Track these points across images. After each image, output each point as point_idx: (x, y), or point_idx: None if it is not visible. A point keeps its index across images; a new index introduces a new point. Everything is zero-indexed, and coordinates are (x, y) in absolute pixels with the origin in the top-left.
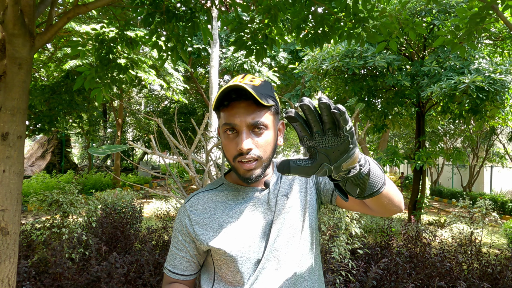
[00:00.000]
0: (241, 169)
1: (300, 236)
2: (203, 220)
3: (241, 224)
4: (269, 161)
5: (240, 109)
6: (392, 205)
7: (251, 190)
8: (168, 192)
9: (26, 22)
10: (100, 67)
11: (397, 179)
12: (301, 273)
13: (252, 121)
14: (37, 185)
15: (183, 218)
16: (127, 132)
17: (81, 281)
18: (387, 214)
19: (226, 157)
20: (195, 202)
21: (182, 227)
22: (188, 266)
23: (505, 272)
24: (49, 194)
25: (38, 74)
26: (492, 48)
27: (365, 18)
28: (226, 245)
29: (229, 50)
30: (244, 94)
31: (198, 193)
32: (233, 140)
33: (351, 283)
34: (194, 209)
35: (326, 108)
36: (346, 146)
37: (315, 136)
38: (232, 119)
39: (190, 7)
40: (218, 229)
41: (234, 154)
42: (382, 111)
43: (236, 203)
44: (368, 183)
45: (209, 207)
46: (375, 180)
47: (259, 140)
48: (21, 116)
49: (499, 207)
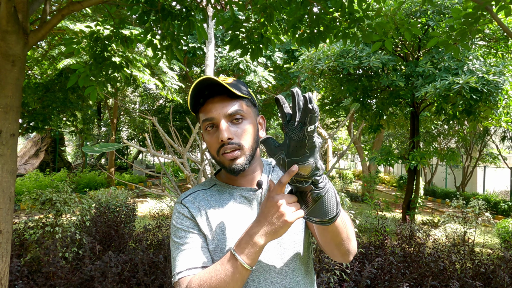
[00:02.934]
0: (225, 161)
1: (291, 238)
2: (200, 217)
3: (236, 225)
4: (253, 151)
5: (215, 103)
6: (341, 247)
7: (244, 190)
8: (163, 191)
9: (19, 19)
10: (94, 65)
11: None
12: (294, 275)
13: (228, 111)
14: (30, 184)
15: (184, 211)
16: (122, 131)
17: (75, 280)
18: (335, 255)
19: (211, 155)
20: (191, 201)
21: (186, 218)
22: (208, 257)
23: (498, 271)
24: (42, 193)
25: (32, 72)
26: (486, 50)
27: (361, 17)
28: (223, 245)
29: (224, 49)
30: (217, 90)
31: (192, 193)
32: (213, 134)
33: (345, 282)
34: (191, 206)
35: (304, 101)
36: (303, 147)
37: (290, 124)
38: (209, 114)
39: (186, 5)
40: (214, 229)
41: (217, 147)
42: (377, 111)
43: (230, 204)
44: (318, 206)
45: (205, 206)
46: (325, 209)
47: (238, 129)
48: (14, 114)
49: (492, 207)
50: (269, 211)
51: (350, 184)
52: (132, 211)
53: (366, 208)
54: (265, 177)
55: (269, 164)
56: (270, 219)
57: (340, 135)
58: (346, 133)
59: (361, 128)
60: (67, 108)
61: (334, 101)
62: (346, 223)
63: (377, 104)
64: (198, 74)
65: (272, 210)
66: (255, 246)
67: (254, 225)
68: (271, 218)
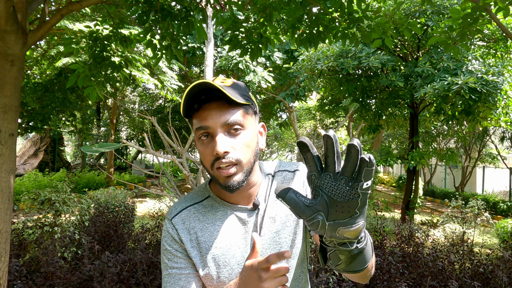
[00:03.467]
0: (220, 177)
1: (288, 263)
2: (190, 242)
3: (228, 251)
4: (251, 166)
5: (212, 110)
6: (363, 279)
7: (239, 210)
8: (162, 191)
9: (18, 18)
10: (93, 65)
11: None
12: None
13: (226, 121)
14: (29, 184)
15: (173, 233)
16: (121, 131)
17: (74, 280)
18: (354, 280)
19: (204, 167)
20: (181, 221)
21: (175, 242)
22: (194, 284)
23: (496, 271)
24: (41, 193)
25: (31, 72)
26: (485, 50)
27: (360, 18)
28: (215, 271)
29: (224, 49)
30: (215, 95)
31: (183, 209)
32: (208, 145)
33: (344, 282)
34: (181, 228)
35: (355, 152)
36: (353, 207)
37: (325, 177)
38: (204, 122)
39: (185, 5)
40: (205, 253)
41: (211, 160)
42: (376, 111)
43: (224, 226)
44: (356, 261)
45: (195, 228)
46: (364, 259)
47: (236, 141)
48: (13, 113)
49: (491, 207)
50: (253, 283)
51: None
52: (131, 211)
53: None
54: (263, 191)
55: (268, 174)
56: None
57: (340, 135)
58: (345, 133)
59: (360, 128)
60: (66, 108)
61: (334, 101)
62: (372, 261)
63: (376, 104)
64: (197, 74)
65: (255, 283)
66: None
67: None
68: (250, 282)
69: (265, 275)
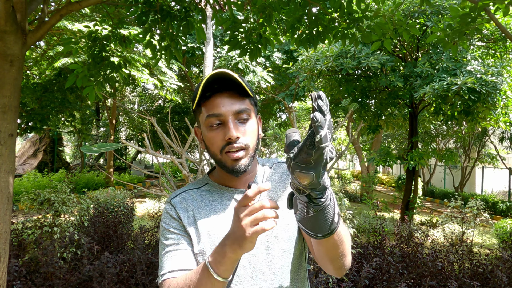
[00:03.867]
0: (228, 160)
1: (280, 245)
2: (187, 219)
3: (222, 228)
4: (255, 151)
5: (224, 99)
6: (335, 262)
7: (235, 192)
8: (161, 191)
9: (18, 19)
10: (92, 65)
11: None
12: (280, 283)
13: (237, 109)
14: (29, 184)
15: (172, 212)
16: (121, 131)
17: (73, 281)
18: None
19: (210, 152)
20: (179, 201)
21: (173, 220)
22: (193, 260)
23: (496, 271)
24: (40, 193)
25: (30, 72)
26: (484, 50)
27: (360, 18)
28: (209, 247)
29: (223, 49)
30: (227, 84)
31: (182, 192)
32: (219, 131)
33: (343, 282)
34: (179, 206)
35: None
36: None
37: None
38: (217, 109)
39: (185, 6)
40: (200, 231)
41: (221, 145)
42: (376, 111)
43: (220, 204)
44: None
45: (192, 206)
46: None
47: (244, 128)
48: (12, 114)
49: (490, 207)
50: (234, 224)
51: (348, 184)
52: (131, 212)
53: (364, 208)
54: (259, 179)
55: (264, 165)
56: (235, 233)
57: (339, 135)
58: (345, 133)
59: (359, 129)
60: (65, 108)
61: (333, 101)
62: (343, 239)
63: (375, 105)
64: (197, 74)
65: (235, 224)
66: (225, 258)
67: (226, 236)
68: (236, 232)
69: (243, 213)
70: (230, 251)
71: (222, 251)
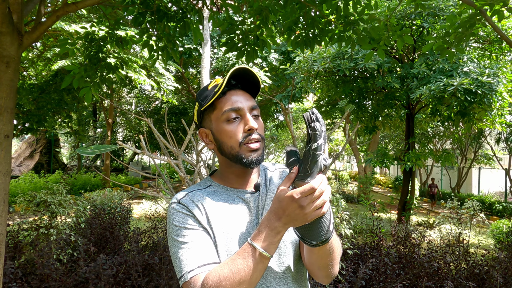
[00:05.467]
0: (246, 153)
1: (286, 245)
2: (201, 216)
3: (234, 227)
4: (264, 147)
5: (240, 95)
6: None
7: (241, 192)
8: (158, 192)
9: (14, 20)
10: (89, 66)
11: (390, 181)
12: (286, 281)
13: (252, 105)
14: (25, 185)
15: (183, 210)
16: (118, 132)
17: (69, 282)
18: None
19: (227, 147)
20: (189, 200)
21: (186, 215)
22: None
23: (492, 272)
24: (36, 195)
25: (27, 73)
26: (480, 52)
27: (355, 21)
28: (222, 246)
29: (220, 50)
30: (242, 82)
31: (188, 192)
32: (238, 125)
33: (340, 283)
34: (189, 204)
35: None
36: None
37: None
38: (235, 104)
39: (181, 7)
40: (214, 228)
41: (241, 137)
42: (373, 112)
43: (228, 205)
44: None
45: (203, 204)
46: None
47: (258, 123)
48: (8, 115)
49: (486, 208)
50: (293, 209)
51: (346, 185)
52: (127, 213)
53: (361, 209)
54: (262, 179)
55: (265, 168)
56: (294, 216)
57: (336, 136)
58: (342, 134)
59: (356, 130)
60: (62, 109)
61: (330, 102)
62: (334, 249)
63: (372, 106)
64: (194, 75)
65: (295, 211)
66: (278, 236)
67: (274, 218)
68: (295, 216)
69: (305, 202)
70: (284, 230)
71: (274, 231)
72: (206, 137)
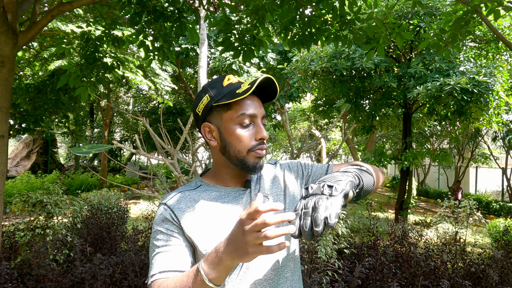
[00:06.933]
0: (252, 159)
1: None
2: (187, 218)
3: (224, 225)
4: None
5: (255, 102)
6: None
7: (232, 190)
8: (153, 192)
9: (8, 19)
10: (85, 65)
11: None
12: (284, 272)
13: (263, 113)
14: (22, 186)
15: (166, 214)
16: (115, 132)
17: (65, 283)
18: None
19: (234, 149)
20: (176, 201)
21: (168, 221)
22: (185, 261)
23: (488, 270)
24: (32, 195)
25: (23, 73)
26: (477, 51)
27: (352, 20)
28: (210, 246)
29: (217, 50)
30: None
31: (177, 193)
32: (249, 130)
33: (336, 282)
34: (176, 207)
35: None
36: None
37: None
38: (251, 109)
39: (178, 7)
40: (202, 229)
41: (251, 144)
42: (370, 112)
43: (218, 203)
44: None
45: (192, 207)
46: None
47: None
48: (3, 115)
49: (483, 207)
50: (237, 236)
51: None
52: (124, 213)
53: (359, 208)
54: (253, 178)
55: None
56: (236, 244)
57: (334, 136)
58: (340, 134)
59: (352, 129)
60: (59, 109)
61: (327, 102)
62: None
63: (369, 105)
64: (191, 75)
65: (239, 237)
66: (221, 265)
67: (224, 243)
68: (237, 245)
69: (248, 226)
70: (228, 259)
71: (218, 258)
72: (209, 133)
